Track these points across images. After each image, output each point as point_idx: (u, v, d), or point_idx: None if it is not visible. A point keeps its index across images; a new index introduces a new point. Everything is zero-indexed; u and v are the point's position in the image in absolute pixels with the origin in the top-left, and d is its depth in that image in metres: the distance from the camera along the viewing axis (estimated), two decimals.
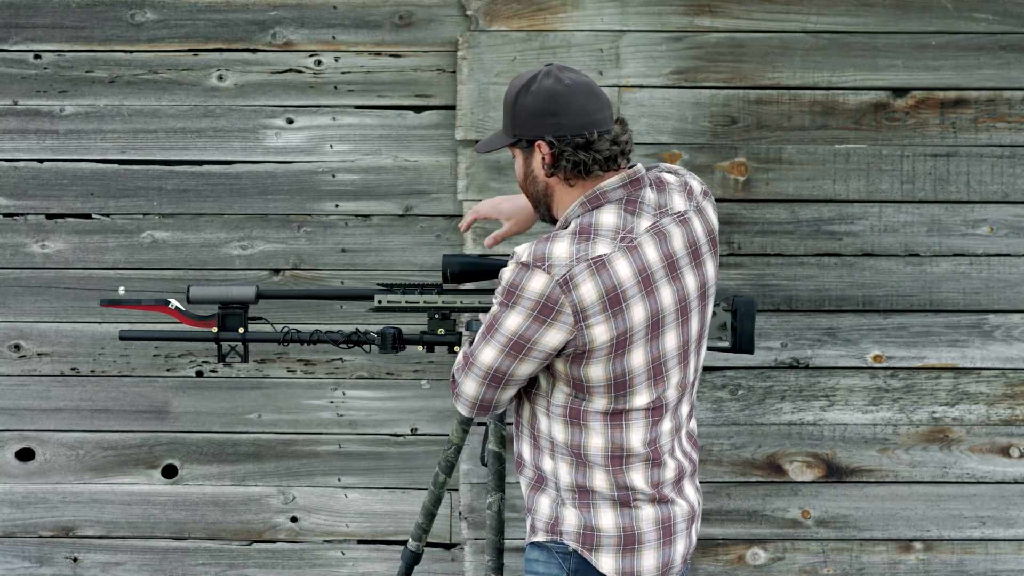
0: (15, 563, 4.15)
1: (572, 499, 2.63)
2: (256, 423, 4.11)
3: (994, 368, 4.01)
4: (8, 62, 4.07)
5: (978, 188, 3.98)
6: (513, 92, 2.60)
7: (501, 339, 2.54)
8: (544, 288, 2.49)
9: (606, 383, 2.56)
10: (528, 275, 2.50)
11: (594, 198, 2.58)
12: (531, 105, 2.57)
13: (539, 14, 3.96)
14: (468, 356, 2.61)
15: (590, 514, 2.61)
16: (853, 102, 3.97)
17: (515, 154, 2.66)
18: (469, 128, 3.97)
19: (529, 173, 2.64)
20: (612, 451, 2.60)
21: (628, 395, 2.57)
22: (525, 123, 2.58)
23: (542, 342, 2.51)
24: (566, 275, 2.48)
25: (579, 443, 2.61)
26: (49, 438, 4.14)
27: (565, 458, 2.63)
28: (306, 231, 4.08)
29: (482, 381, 2.60)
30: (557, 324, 2.50)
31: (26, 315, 4.11)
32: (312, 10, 4.03)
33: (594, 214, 2.56)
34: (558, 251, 2.50)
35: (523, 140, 2.60)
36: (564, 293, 2.48)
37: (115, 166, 4.09)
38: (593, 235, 2.52)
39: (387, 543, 4.14)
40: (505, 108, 2.63)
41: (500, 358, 2.55)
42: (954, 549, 4.05)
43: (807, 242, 3.99)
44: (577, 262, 2.49)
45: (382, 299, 3.25)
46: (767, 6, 3.96)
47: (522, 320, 2.51)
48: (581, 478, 2.62)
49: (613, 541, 2.61)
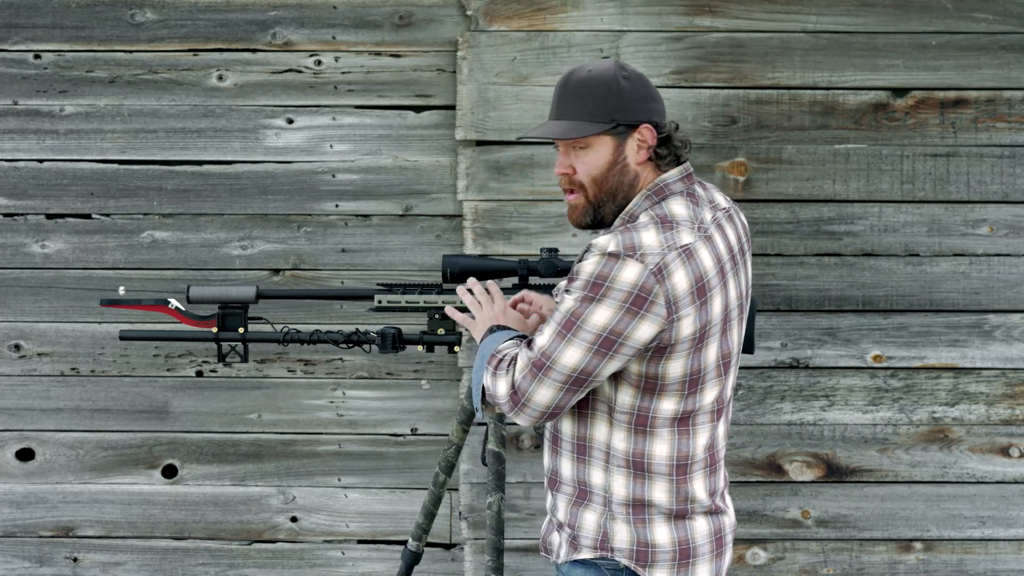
0: (15, 563, 4.15)
1: (625, 514, 2.49)
2: (256, 423, 4.11)
3: (994, 368, 4.01)
4: (8, 62, 4.07)
5: (978, 188, 3.98)
6: (607, 76, 2.46)
7: (588, 336, 2.37)
8: (637, 278, 2.35)
9: (681, 380, 2.44)
10: (619, 265, 2.36)
11: (658, 189, 2.48)
12: (632, 89, 2.46)
13: (539, 14, 3.96)
14: (540, 360, 2.41)
15: (645, 529, 2.49)
16: (853, 102, 3.97)
17: (591, 144, 2.49)
18: (469, 128, 3.97)
19: (619, 161, 2.49)
20: (678, 459, 2.48)
21: (699, 392, 2.47)
22: (629, 107, 2.46)
23: (634, 336, 2.37)
24: (659, 264, 2.36)
25: (643, 451, 2.47)
26: (49, 438, 4.14)
27: (622, 470, 2.48)
28: (306, 231, 4.08)
29: (562, 385, 2.42)
30: (650, 316, 2.36)
31: (26, 315, 4.11)
32: (312, 10, 4.04)
33: (663, 205, 2.46)
34: (647, 240, 2.38)
35: (621, 125, 2.47)
36: (658, 282, 2.36)
37: (115, 166, 4.09)
38: (675, 224, 2.42)
39: (387, 543, 4.14)
40: (590, 94, 2.47)
41: (587, 358, 2.39)
42: (954, 549, 4.05)
43: (807, 242, 3.99)
44: (668, 250, 2.38)
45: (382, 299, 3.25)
46: (767, 6, 3.96)
47: (612, 313, 2.36)
48: (640, 491, 2.48)
49: (669, 556, 2.49)
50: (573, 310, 2.39)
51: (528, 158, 3.97)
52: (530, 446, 4.02)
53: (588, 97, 2.48)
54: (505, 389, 2.47)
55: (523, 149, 3.98)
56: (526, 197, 3.99)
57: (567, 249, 3.95)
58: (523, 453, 4.01)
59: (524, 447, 4.01)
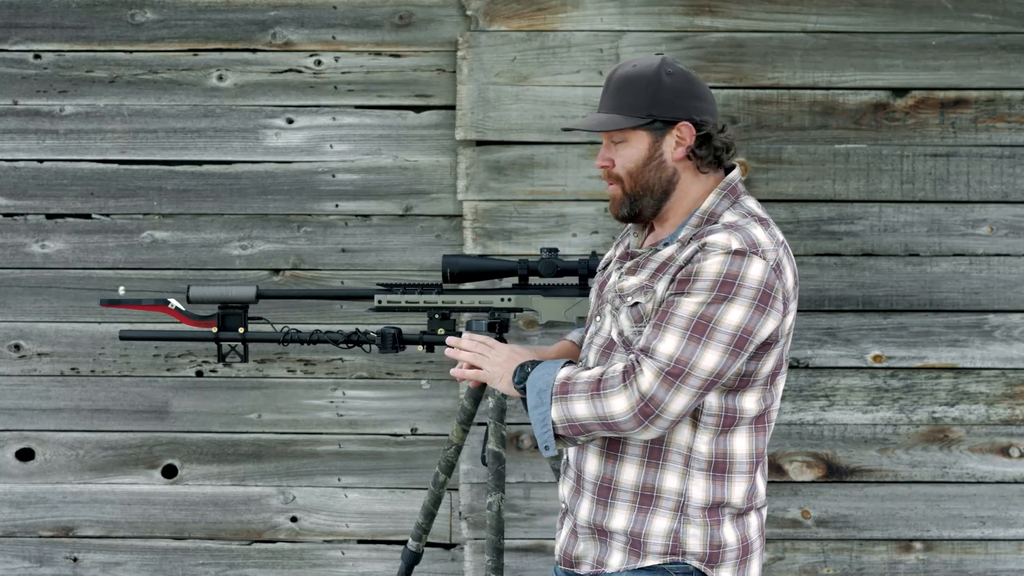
0: (15, 563, 4.15)
1: (701, 516, 2.45)
2: (256, 423, 4.11)
3: (994, 368, 4.01)
4: (8, 62, 4.07)
5: (978, 188, 3.98)
6: (649, 71, 2.44)
7: (724, 337, 2.33)
8: (762, 275, 2.35)
9: (769, 374, 2.44)
10: (746, 263, 2.34)
11: (732, 189, 2.47)
12: (673, 84, 2.43)
13: (539, 14, 3.96)
14: (676, 368, 2.34)
15: (718, 530, 2.46)
16: (853, 102, 3.97)
17: (629, 139, 2.47)
18: (469, 128, 3.97)
19: (656, 157, 2.46)
20: (756, 456, 2.47)
21: (775, 387, 2.48)
22: (669, 103, 2.43)
23: (760, 333, 2.37)
24: (776, 259, 2.38)
25: (725, 451, 2.45)
26: (49, 438, 4.14)
27: (702, 472, 2.45)
28: (306, 231, 4.08)
29: (698, 391, 2.36)
30: (773, 312, 2.37)
31: (26, 315, 4.11)
32: (312, 10, 4.04)
33: (742, 204, 2.46)
34: (760, 237, 2.38)
35: (658, 121, 2.44)
36: (778, 278, 2.37)
37: (115, 166, 4.09)
38: (768, 221, 2.43)
39: (387, 543, 4.14)
40: (631, 88, 2.44)
41: (724, 359, 2.35)
42: (954, 549, 4.05)
43: (807, 242, 3.99)
44: (778, 247, 2.39)
45: (382, 299, 3.25)
46: (767, 6, 3.96)
47: (745, 311, 2.34)
48: (720, 492, 2.45)
49: (734, 555, 2.47)
50: (702, 313, 2.34)
51: (528, 158, 3.97)
52: (530, 446, 4.02)
53: (628, 92, 2.45)
54: (628, 404, 2.36)
55: (523, 149, 3.98)
56: (526, 197, 3.99)
57: (567, 249, 3.95)
58: (523, 453, 4.01)
59: (524, 447, 4.01)
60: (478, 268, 3.21)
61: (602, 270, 2.65)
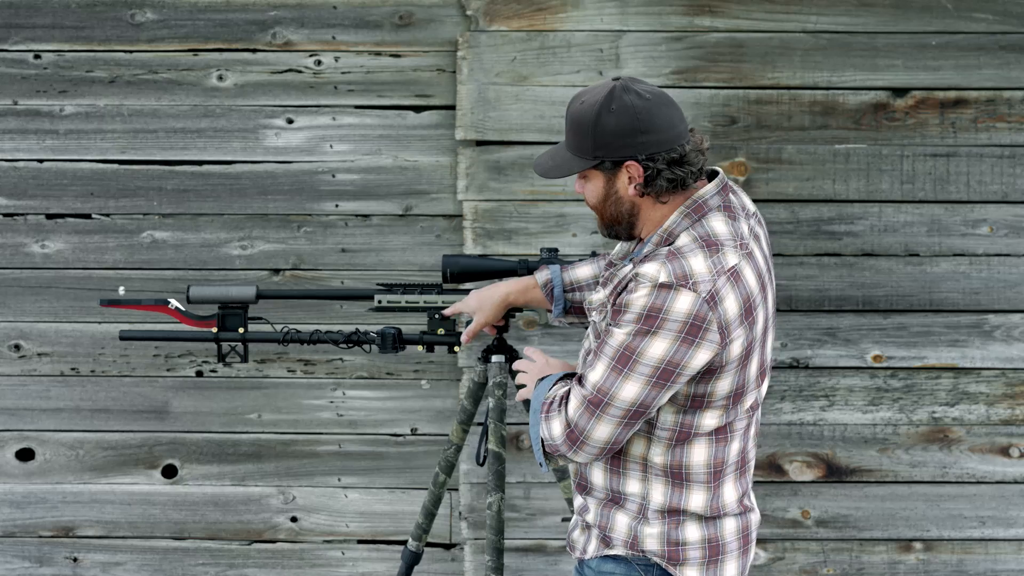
0: (15, 563, 4.15)
1: (660, 518, 2.50)
2: (256, 423, 4.11)
3: (994, 368, 4.01)
4: (8, 62, 4.07)
5: (978, 188, 3.98)
6: (591, 112, 2.42)
7: (646, 370, 2.35)
8: (691, 307, 2.33)
9: (727, 395, 2.43)
10: (671, 296, 2.33)
11: (697, 207, 2.44)
12: (616, 125, 2.41)
13: (539, 14, 3.96)
14: (596, 396, 2.39)
15: (676, 529, 2.50)
16: (853, 102, 3.97)
17: (588, 176, 2.49)
18: (469, 128, 3.97)
19: (611, 194, 2.47)
20: (714, 466, 2.48)
21: (740, 404, 2.47)
22: (611, 144, 2.41)
23: (690, 365, 2.36)
24: (711, 291, 2.34)
25: (680, 463, 2.47)
26: (49, 438, 4.14)
27: (660, 479, 2.49)
28: (306, 231, 4.08)
29: (620, 420, 2.39)
30: (704, 343, 2.35)
31: (26, 315, 4.11)
32: (312, 10, 4.04)
33: (703, 224, 2.43)
34: (697, 266, 2.35)
35: (607, 162, 2.44)
36: (711, 309, 2.34)
37: (115, 166, 4.09)
38: (720, 246, 2.39)
39: (387, 543, 4.14)
40: (579, 129, 2.45)
41: (646, 391, 2.36)
42: (954, 549, 4.05)
43: (807, 242, 3.99)
44: (718, 276, 2.36)
45: (382, 299, 3.25)
46: (767, 6, 3.96)
47: (669, 345, 2.34)
48: (677, 499, 2.48)
49: (699, 554, 2.50)
50: (627, 344, 2.36)
51: (528, 158, 3.97)
52: (529, 446, 4.01)
53: (577, 132, 2.46)
54: (560, 429, 2.44)
55: (523, 149, 3.98)
56: (526, 197, 3.99)
57: (567, 249, 3.95)
58: (523, 453, 4.01)
59: (524, 447, 4.01)
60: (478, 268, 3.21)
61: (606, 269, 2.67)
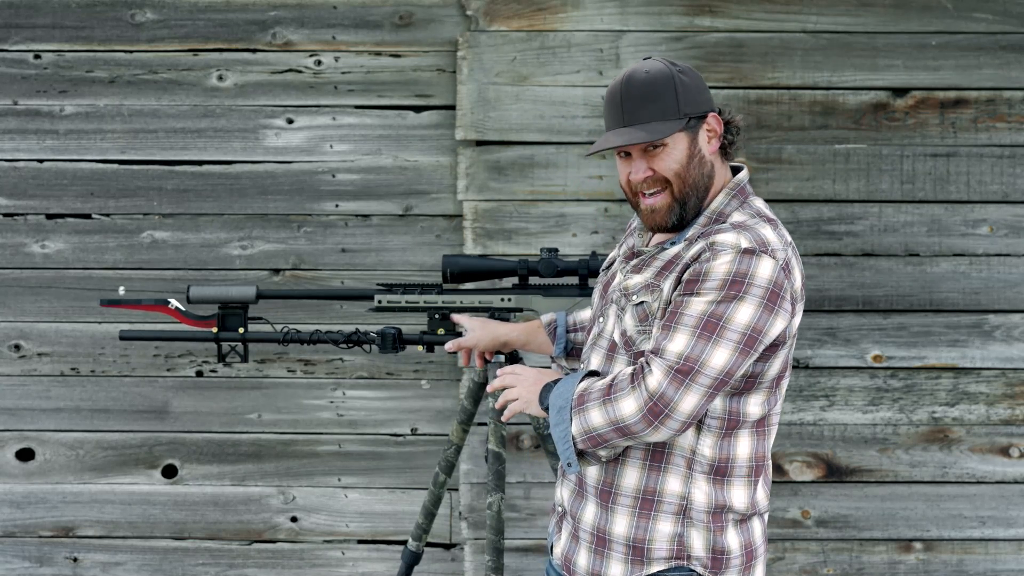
0: (15, 563, 4.15)
1: (705, 521, 2.44)
2: (256, 423, 4.11)
3: (994, 368, 4.01)
4: (8, 62, 4.07)
5: (978, 188, 3.98)
6: (666, 75, 2.44)
7: (734, 336, 2.33)
8: (772, 273, 2.35)
9: (774, 377, 2.44)
10: (755, 262, 2.34)
11: (741, 190, 2.49)
12: (692, 82, 2.46)
13: (539, 14, 3.96)
14: (686, 366, 2.33)
15: (722, 536, 2.44)
16: (853, 102, 3.97)
17: (667, 144, 2.45)
18: (469, 128, 3.97)
19: (696, 154, 2.47)
20: (756, 459, 2.46)
21: (779, 389, 2.48)
22: (695, 100, 2.45)
23: (770, 333, 2.36)
24: (785, 259, 2.38)
25: (728, 455, 2.44)
26: (49, 438, 4.14)
27: (705, 475, 2.44)
28: (306, 231, 4.08)
29: (707, 390, 2.34)
30: (782, 311, 2.37)
31: (26, 315, 4.11)
32: (312, 10, 4.04)
33: (751, 204, 2.48)
34: (770, 236, 2.38)
35: (692, 119, 2.45)
36: (787, 277, 2.38)
37: (115, 166, 4.09)
38: (776, 222, 2.44)
39: (387, 543, 4.14)
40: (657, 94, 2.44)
41: (734, 357, 2.33)
42: (954, 549, 4.05)
43: (807, 242, 3.99)
44: (786, 246, 2.40)
45: (382, 299, 3.25)
46: (767, 6, 3.96)
47: (755, 310, 2.34)
48: (721, 496, 2.44)
49: (738, 561, 2.46)
50: (712, 311, 2.33)
51: (528, 158, 3.98)
52: (530, 446, 4.02)
53: (656, 97, 2.44)
54: (637, 405, 2.35)
55: (523, 149, 3.98)
56: (526, 197, 3.99)
57: (567, 249, 3.95)
58: (523, 453, 4.01)
59: (524, 447, 4.01)
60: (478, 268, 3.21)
61: (605, 270, 2.64)
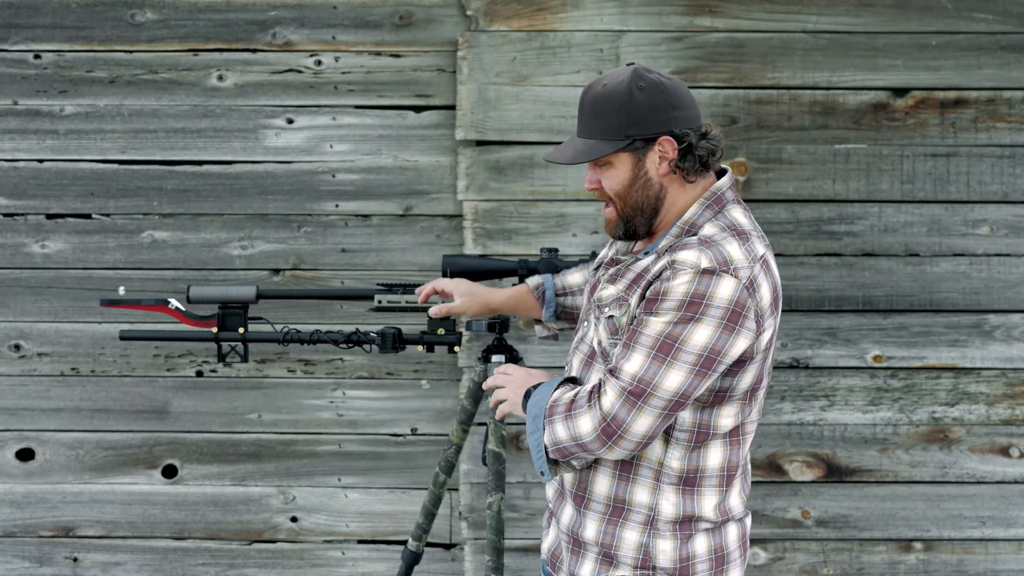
0: (15, 563, 4.15)
1: (672, 530, 2.43)
2: (256, 423, 4.11)
3: (994, 368, 4.01)
4: (8, 62, 4.07)
5: (978, 188, 3.98)
6: (620, 91, 2.37)
7: (689, 358, 2.29)
8: (732, 293, 2.29)
9: (746, 390, 2.40)
10: (714, 282, 2.29)
11: (717, 199, 2.42)
12: (648, 100, 2.37)
13: (539, 14, 3.96)
14: (638, 387, 2.31)
15: (689, 544, 2.43)
16: (853, 102, 3.97)
17: (611, 162, 2.42)
18: (469, 128, 3.97)
19: (640, 177, 2.41)
20: (728, 469, 2.44)
21: (754, 401, 2.44)
22: (643, 121, 2.37)
23: (731, 353, 2.32)
24: (750, 277, 2.32)
25: (696, 467, 2.42)
26: (49, 438, 4.14)
27: (673, 486, 2.43)
28: (306, 231, 4.08)
29: (661, 412, 2.32)
30: (743, 331, 2.32)
31: (26, 315, 4.11)
32: (312, 10, 4.04)
33: (725, 215, 2.41)
34: (734, 253, 2.33)
35: (638, 140, 2.39)
36: (750, 296, 2.31)
37: (115, 166, 4.09)
38: (748, 235, 2.38)
39: (387, 543, 4.14)
40: (606, 110, 2.39)
41: (689, 379, 2.30)
42: (954, 549, 4.05)
43: (807, 242, 3.99)
44: (753, 263, 2.34)
45: (382, 299, 3.25)
46: (767, 6, 3.96)
47: (712, 331, 2.29)
48: (690, 506, 2.43)
49: (707, 566, 2.44)
50: (668, 332, 2.30)
51: (528, 158, 3.97)
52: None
53: (602, 114, 2.39)
54: (592, 424, 2.35)
55: (523, 149, 3.98)
56: (526, 197, 3.99)
57: (567, 249, 3.95)
58: (523, 453, 4.01)
59: (524, 447, 4.01)
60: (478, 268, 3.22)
61: (595, 271, 2.63)
